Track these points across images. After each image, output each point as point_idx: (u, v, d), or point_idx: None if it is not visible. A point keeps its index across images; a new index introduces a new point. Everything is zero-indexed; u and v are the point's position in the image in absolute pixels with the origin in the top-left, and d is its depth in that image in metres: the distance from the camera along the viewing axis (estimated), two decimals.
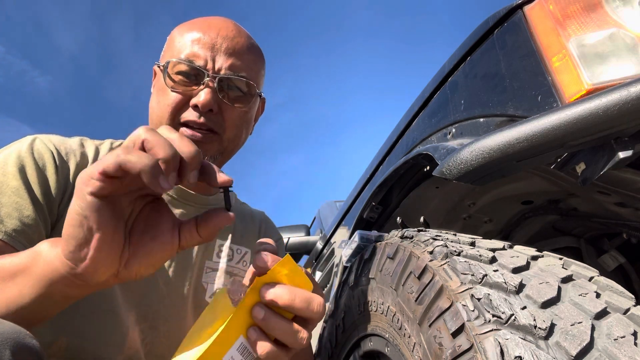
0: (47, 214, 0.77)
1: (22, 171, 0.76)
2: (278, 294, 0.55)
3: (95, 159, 0.88)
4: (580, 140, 0.61)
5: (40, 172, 0.78)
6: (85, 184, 0.46)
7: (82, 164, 0.85)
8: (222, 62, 0.86)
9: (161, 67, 0.89)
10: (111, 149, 0.92)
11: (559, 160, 0.69)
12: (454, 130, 0.93)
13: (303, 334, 0.57)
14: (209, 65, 0.85)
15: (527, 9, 0.78)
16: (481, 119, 0.85)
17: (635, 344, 0.51)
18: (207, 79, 0.84)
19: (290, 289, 0.55)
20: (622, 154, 0.59)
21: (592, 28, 0.69)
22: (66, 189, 0.81)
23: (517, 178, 0.94)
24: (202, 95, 0.83)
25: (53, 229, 0.79)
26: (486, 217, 1.11)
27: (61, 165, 0.81)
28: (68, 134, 0.91)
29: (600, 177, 0.62)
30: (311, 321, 0.59)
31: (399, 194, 1.17)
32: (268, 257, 0.56)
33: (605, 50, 0.67)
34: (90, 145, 0.90)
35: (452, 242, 0.72)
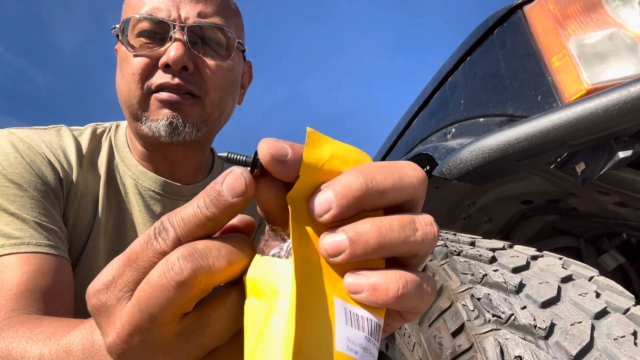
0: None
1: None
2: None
3: (79, 151, 0.77)
4: (580, 140, 0.61)
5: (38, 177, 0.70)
6: None
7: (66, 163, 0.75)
8: (189, 10, 0.74)
9: (119, 34, 0.77)
10: (93, 134, 0.81)
11: (558, 160, 0.69)
12: (453, 130, 0.93)
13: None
14: (174, 16, 0.73)
15: (527, 8, 0.78)
16: (481, 119, 0.85)
17: (635, 343, 0.51)
18: (174, 31, 0.72)
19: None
20: (621, 154, 0.59)
21: (592, 28, 0.69)
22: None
23: (517, 178, 0.94)
24: (173, 51, 0.70)
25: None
26: (486, 217, 1.11)
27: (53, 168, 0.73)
28: None
29: (599, 176, 0.63)
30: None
31: None
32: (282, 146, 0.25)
33: (605, 50, 0.67)
34: (67, 137, 0.79)
35: (452, 241, 0.72)
